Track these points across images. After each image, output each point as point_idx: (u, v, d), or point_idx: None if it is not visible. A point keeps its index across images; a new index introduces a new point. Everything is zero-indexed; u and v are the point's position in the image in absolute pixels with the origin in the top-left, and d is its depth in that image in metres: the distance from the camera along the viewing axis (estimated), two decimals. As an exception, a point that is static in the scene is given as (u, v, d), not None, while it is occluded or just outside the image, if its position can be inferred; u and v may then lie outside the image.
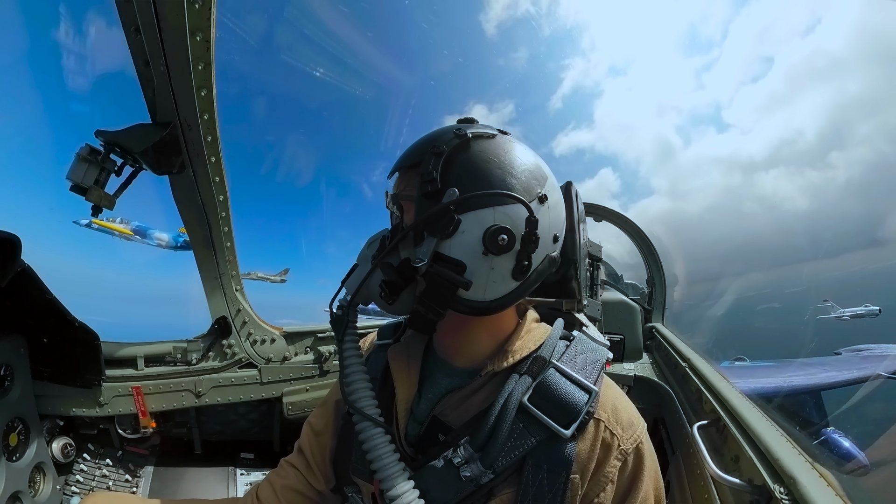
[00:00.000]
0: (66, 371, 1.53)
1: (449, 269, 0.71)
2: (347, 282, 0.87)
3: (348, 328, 0.86)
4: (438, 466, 0.74)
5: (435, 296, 0.74)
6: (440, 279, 0.71)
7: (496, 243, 0.69)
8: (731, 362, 7.31)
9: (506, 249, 0.69)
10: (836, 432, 4.65)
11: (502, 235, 0.68)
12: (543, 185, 0.76)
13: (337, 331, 0.87)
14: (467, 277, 0.71)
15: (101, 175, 1.32)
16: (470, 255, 0.70)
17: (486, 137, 0.76)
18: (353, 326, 0.87)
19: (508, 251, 0.70)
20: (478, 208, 0.70)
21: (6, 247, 1.15)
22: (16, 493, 1.27)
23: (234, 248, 1.71)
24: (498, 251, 0.69)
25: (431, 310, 0.75)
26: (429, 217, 0.71)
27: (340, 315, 0.86)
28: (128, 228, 38.92)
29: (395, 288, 0.77)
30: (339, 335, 0.86)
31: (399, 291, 0.78)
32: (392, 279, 0.77)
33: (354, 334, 0.87)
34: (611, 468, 0.76)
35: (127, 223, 39.15)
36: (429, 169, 0.72)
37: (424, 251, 0.71)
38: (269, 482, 1.01)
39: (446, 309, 0.75)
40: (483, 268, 0.71)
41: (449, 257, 0.71)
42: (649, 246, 3.26)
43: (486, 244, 0.69)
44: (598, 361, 0.81)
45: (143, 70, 1.22)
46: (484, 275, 0.71)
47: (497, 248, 0.69)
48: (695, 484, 1.33)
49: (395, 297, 0.78)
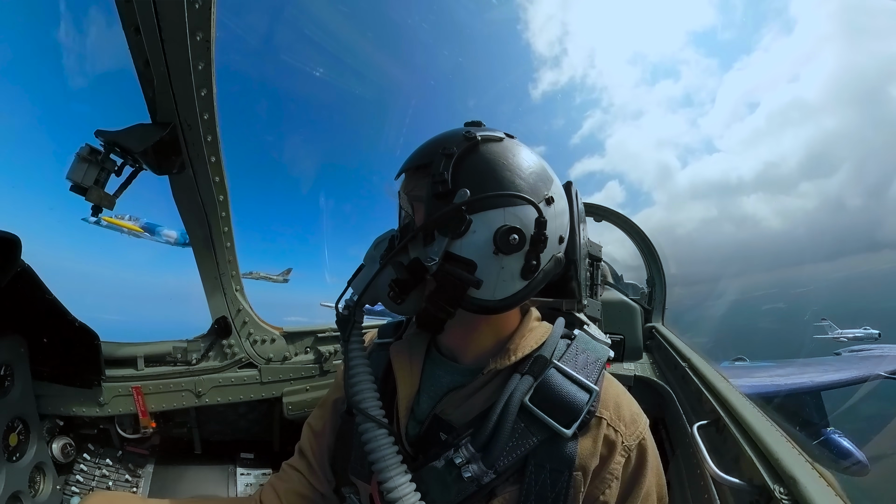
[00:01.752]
0: (66, 371, 1.53)
1: (460, 269, 0.72)
2: (354, 282, 0.88)
3: (354, 328, 0.86)
4: (439, 466, 0.74)
5: (445, 295, 0.74)
6: (451, 278, 0.72)
7: (507, 243, 0.70)
8: (731, 362, 7.31)
9: (516, 249, 0.70)
10: (836, 432, 4.65)
11: (513, 235, 0.70)
12: (549, 187, 0.77)
13: (342, 330, 0.87)
14: (478, 277, 0.72)
15: (101, 175, 1.32)
16: (480, 255, 0.71)
17: (495, 140, 0.77)
18: (359, 327, 0.87)
19: (518, 251, 0.71)
20: (488, 209, 0.71)
21: (6, 247, 1.15)
22: (16, 493, 1.27)
23: (234, 248, 1.71)
24: (508, 251, 0.70)
25: (442, 309, 0.76)
26: (441, 217, 0.72)
27: (347, 315, 0.87)
28: (137, 225, 38.75)
29: (405, 287, 0.78)
30: (345, 335, 0.86)
31: (409, 290, 0.78)
32: (403, 278, 0.78)
33: (360, 334, 0.87)
34: (615, 465, 0.76)
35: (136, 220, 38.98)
36: (440, 170, 0.73)
37: (436, 251, 0.72)
38: (272, 486, 1.00)
39: (456, 308, 0.76)
40: (493, 267, 0.72)
41: (460, 257, 0.72)
42: (649, 246, 3.26)
43: (497, 244, 0.70)
44: (598, 360, 0.82)
45: (143, 70, 1.22)
46: (494, 274, 0.72)
47: (508, 247, 0.70)
48: (695, 484, 1.33)
49: (405, 296, 0.79)
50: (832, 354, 7.78)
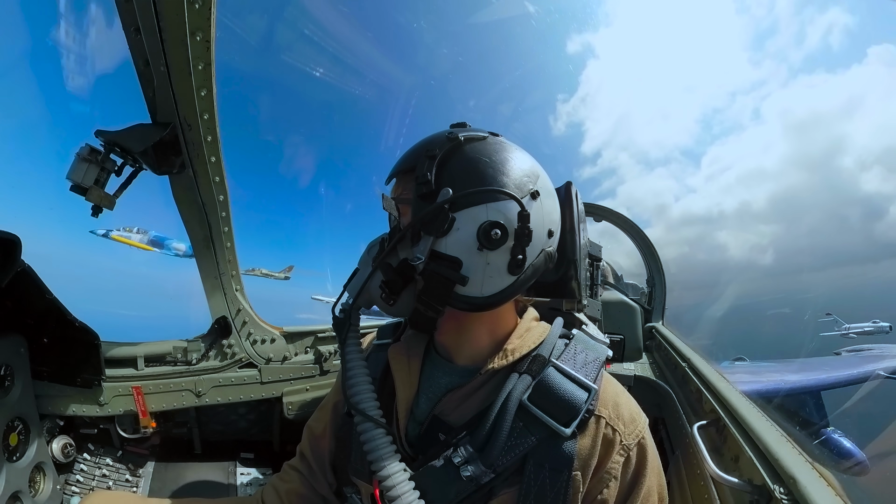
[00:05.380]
0: (66, 371, 1.53)
1: (445, 266, 0.72)
2: (349, 286, 0.88)
3: (350, 331, 0.87)
4: (438, 466, 0.74)
5: (433, 293, 0.75)
6: (438, 276, 0.73)
7: (490, 238, 0.71)
8: (731, 362, 7.30)
9: (499, 244, 0.71)
10: (836, 432, 4.64)
11: (495, 230, 0.70)
12: (535, 181, 0.77)
13: (339, 333, 0.88)
14: (464, 273, 0.72)
15: (101, 175, 1.33)
16: (465, 252, 0.72)
17: (478, 140, 0.78)
18: (356, 329, 0.89)
19: (502, 245, 0.72)
20: (471, 206, 0.72)
21: (6, 247, 1.15)
22: (16, 492, 1.27)
23: (234, 247, 1.71)
24: (492, 246, 0.71)
25: (431, 307, 0.77)
26: (424, 216, 0.73)
27: (343, 318, 0.88)
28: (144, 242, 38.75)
29: (394, 287, 0.78)
30: (342, 337, 0.87)
31: (399, 291, 0.79)
32: (391, 279, 0.78)
33: (357, 337, 0.88)
34: (614, 464, 0.76)
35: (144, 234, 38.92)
36: (423, 172, 0.74)
37: (421, 249, 0.73)
38: (273, 487, 1.01)
39: (445, 306, 0.76)
40: (479, 263, 0.72)
41: (445, 255, 0.73)
42: (649, 246, 3.26)
43: (481, 239, 0.71)
44: (597, 359, 0.82)
45: (143, 70, 1.22)
46: (480, 270, 0.73)
47: (491, 242, 0.71)
48: (695, 484, 1.33)
49: (396, 297, 0.79)
50: (832, 354, 7.76)
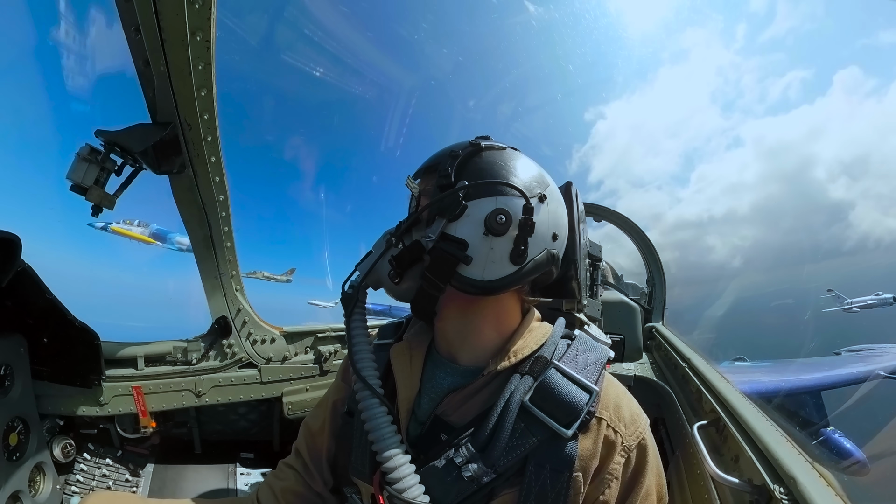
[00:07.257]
0: (66, 371, 1.53)
1: (453, 246, 0.77)
2: (361, 265, 0.94)
3: (356, 305, 0.92)
4: (440, 466, 0.75)
5: (437, 270, 0.79)
6: (444, 254, 0.77)
7: (495, 223, 0.76)
8: (731, 362, 7.30)
9: (503, 231, 0.76)
10: (836, 432, 4.64)
11: (500, 216, 0.76)
12: (545, 188, 0.82)
13: (346, 307, 0.92)
14: (469, 254, 0.77)
15: (102, 175, 1.33)
16: (472, 235, 0.77)
17: (497, 149, 0.85)
18: (362, 305, 0.94)
19: (506, 233, 0.76)
20: (482, 196, 0.78)
21: (6, 247, 1.15)
22: (16, 492, 1.27)
23: (234, 248, 1.71)
24: (497, 232, 0.76)
25: (433, 285, 0.80)
26: (440, 200, 0.79)
27: (351, 293, 0.93)
28: (146, 234, 38.05)
29: (402, 262, 0.83)
30: (348, 311, 0.92)
31: (406, 267, 0.83)
32: (402, 254, 0.83)
33: (362, 312, 0.93)
34: (615, 465, 0.76)
35: (145, 227, 38.17)
36: (445, 167, 0.81)
37: (433, 230, 0.79)
38: (269, 485, 1.01)
39: (446, 283, 0.80)
40: (483, 247, 0.77)
41: (454, 236, 0.78)
42: (649, 246, 3.27)
43: (487, 225, 0.76)
44: (599, 361, 0.82)
45: (143, 70, 1.22)
46: (483, 254, 0.77)
47: (496, 228, 0.76)
48: (694, 484, 1.33)
49: (403, 273, 0.83)
50: (832, 354, 7.76)
